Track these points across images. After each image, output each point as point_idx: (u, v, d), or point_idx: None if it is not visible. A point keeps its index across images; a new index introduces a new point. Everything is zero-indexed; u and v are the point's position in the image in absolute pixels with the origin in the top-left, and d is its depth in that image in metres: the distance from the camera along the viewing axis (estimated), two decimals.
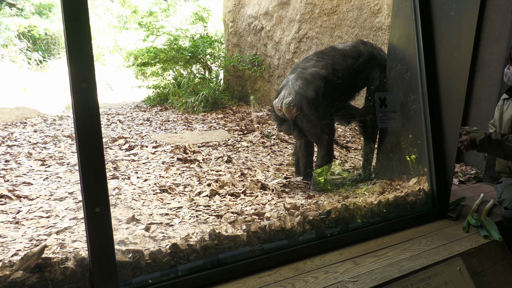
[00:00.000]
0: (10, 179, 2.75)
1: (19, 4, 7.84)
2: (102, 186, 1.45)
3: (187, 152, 3.59)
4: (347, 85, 2.99)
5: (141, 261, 1.58)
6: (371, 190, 2.92)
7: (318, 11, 5.73)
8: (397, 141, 2.87)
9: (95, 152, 1.43)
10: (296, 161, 3.25)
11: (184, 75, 7.12)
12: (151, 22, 7.09)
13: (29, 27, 7.20)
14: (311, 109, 2.82)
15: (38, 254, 1.46)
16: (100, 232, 1.45)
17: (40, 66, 7.53)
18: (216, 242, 1.72)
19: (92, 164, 1.42)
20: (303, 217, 1.99)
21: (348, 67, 2.95)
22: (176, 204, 2.44)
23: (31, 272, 1.43)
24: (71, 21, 1.38)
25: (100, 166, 1.44)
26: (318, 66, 2.89)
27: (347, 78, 2.94)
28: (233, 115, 5.97)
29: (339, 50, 3.04)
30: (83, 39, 1.40)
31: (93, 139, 1.43)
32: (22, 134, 4.03)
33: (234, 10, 7.33)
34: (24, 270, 1.43)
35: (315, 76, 2.83)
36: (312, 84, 2.81)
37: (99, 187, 1.44)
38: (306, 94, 2.80)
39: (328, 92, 2.86)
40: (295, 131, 2.96)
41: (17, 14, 7.72)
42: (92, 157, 1.42)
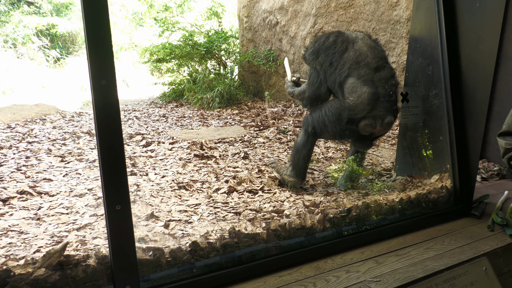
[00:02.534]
0: (31, 175, 2.78)
1: (37, 2, 7.96)
2: (122, 184, 1.44)
3: (203, 148, 3.59)
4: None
5: (161, 259, 1.58)
6: (391, 187, 2.87)
7: (334, 4, 5.65)
8: (417, 137, 2.81)
9: (115, 150, 1.42)
10: (303, 164, 2.82)
11: (199, 71, 7.12)
12: (166, 17, 7.10)
13: (48, 25, 7.31)
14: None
15: (60, 251, 1.46)
16: (121, 230, 1.44)
17: (58, 63, 7.65)
18: (235, 240, 1.71)
19: (112, 162, 1.41)
20: (323, 215, 1.96)
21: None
22: (194, 201, 2.44)
23: (53, 269, 1.44)
24: (91, 18, 1.37)
25: (120, 164, 1.43)
26: (394, 74, 2.69)
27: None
28: (248, 111, 5.95)
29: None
30: (103, 37, 1.39)
31: (113, 136, 1.42)
32: (42, 131, 4.08)
33: (249, 5, 7.28)
34: (46, 268, 1.44)
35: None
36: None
37: (120, 185, 1.44)
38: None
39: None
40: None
41: (35, 12, 7.84)
42: (113, 155, 1.42)
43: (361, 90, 2.46)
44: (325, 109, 2.61)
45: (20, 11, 7.60)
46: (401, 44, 4.95)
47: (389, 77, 2.61)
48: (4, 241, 1.86)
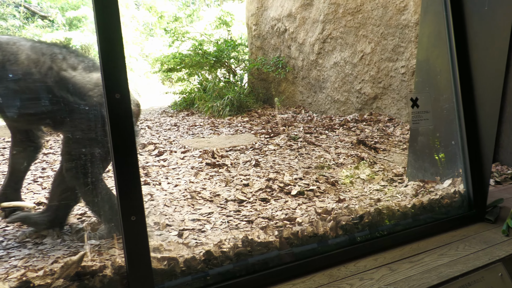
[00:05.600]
0: (47, 187, 2.84)
1: (50, 16, 8.14)
2: (137, 195, 1.47)
3: (215, 156, 3.62)
4: None
5: (176, 268, 1.60)
6: (403, 192, 2.86)
7: (342, 10, 5.67)
8: (428, 142, 2.80)
9: (129, 162, 1.46)
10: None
11: (209, 79, 7.19)
12: (176, 27, 7.20)
13: (65, 39, 7.49)
14: None
15: (77, 262, 1.50)
16: (136, 240, 1.47)
17: None
18: (249, 249, 1.73)
19: (127, 174, 1.45)
20: (336, 222, 1.96)
21: None
22: (207, 209, 2.46)
23: (71, 280, 1.47)
24: (105, 35, 1.41)
25: (135, 175, 1.47)
26: None
27: None
28: (259, 118, 5.98)
29: None
30: (116, 52, 1.43)
31: (127, 149, 1.46)
32: (57, 142, 4.16)
33: (257, 13, 7.34)
34: (64, 278, 1.47)
35: None
36: None
37: (134, 196, 1.47)
38: None
39: None
40: None
41: (48, 25, 8.03)
42: (127, 167, 1.45)
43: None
44: None
45: (35, 25, 7.79)
46: (410, 48, 4.94)
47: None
48: (23, 252, 1.90)
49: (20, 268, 1.75)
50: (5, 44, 2.13)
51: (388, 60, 5.20)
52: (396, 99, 5.22)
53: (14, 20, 7.77)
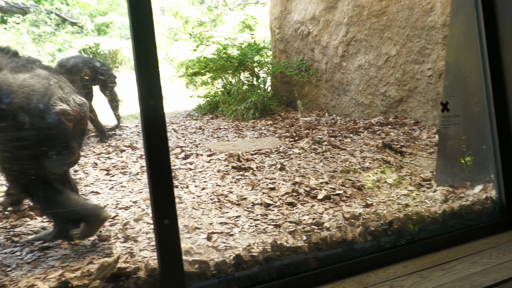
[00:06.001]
0: (79, 189, 2.94)
1: (80, 22, 8.40)
2: (170, 200, 1.51)
3: (240, 160, 3.66)
4: None
5: (206, 272, 1.63)
6: (432, 197, 2.81)
7: (366, 13, 5.62)
8: (458, 146, 2.75)
9: (163, 167, 1.50)
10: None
11: (233, 83, 7.25)
12: (201, 32, 7.30)
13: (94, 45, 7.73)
14: None
15: (113, 264, 1.55)
16: (169, 243, 1.51)
17: None
18: (278, 253, 1.74)
19: (160, 179, 1.49)
20: (364, 228, 1.95)
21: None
22: (234, 213, 2.49)
23: (107, 281, 1.52)
24: (141, 44, 1.46)
25: (168, 180, 1.51)
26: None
27: None
28: (282, 121, 5.99)
29: None
30: (151, 61, 1.48)
31: (161, 153, 1.50)
32: (87, 145, 4.29)
33: (281, 16, 7.36)
34: (101, 280, 1.52)
35: None
36: None
37: (167, 200, 1.51)
38: None
39: None
40: None
41: (78, 31, 8.29)
42: (160, 172, 1.49)
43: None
44: None
45: (65, 32, 8.06)
46: (436, 50, 4.86)
47: None
48: (59, 253, 1.98)
49: (57, 268, 1.82)
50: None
51: (414, 62, 5.12)
52: (422, 102, 5.13)
53: (46, 26, 8.06)
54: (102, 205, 2.64)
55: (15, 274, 1.77)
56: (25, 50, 7.66)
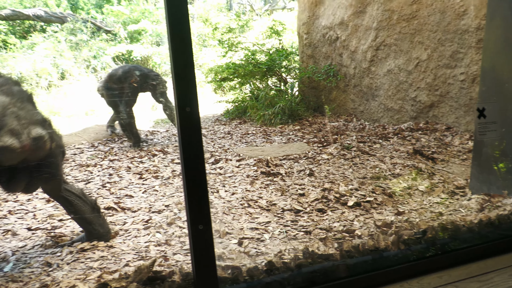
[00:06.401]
0: (114, 192, 3.03)
1: (114, 30, 8.71)
2: (204, 205, 1.54)
3: (269, 165, 3.67)
4: None
5: (239, 277, 1.65)
6: (466, 206, 2.74)
7: (396, 17, 5.54)
8: (494, 154, 2.67)
9: (198, 173, 1.53)
10: None
11: (261, 88, 7.29)
12: (230, 38, 7.38)
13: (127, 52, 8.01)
14: None
15: (149, 267, 1.59)
16: (203, 248, 1.54)
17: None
18: (309, 261, 1.74)
19: (195, 185, 1.52)
20: (397, 236, 1.93)
21: None
22: (264, 218, 2.51)
23: (143, 284, 1.56)
24: (178, 56, 1.51)
25: (203, 186, 1.54)
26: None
27: None
28: (310, 127, 5.97)
29: None
30: (187, 71, 1.52)
31: (196, 160, 1.53)
32: (121, 149, 4.42)
33: (308, 22, 7.36)
34: (137, 282, 1.57)
35: None
36: None
37: (202, 206, 1.54)
38: None
39: None
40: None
41: (112, 39, 8.60)
42: (196, 177, 1.52)
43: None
44: None
45: (100, 39, 8.38)
46: (470, 54, 4.73)
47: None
48: (97, 255, 2.05)
49: (96, 269, 1.89)
50: None
51: (446, 67, 5.00)
52: (455, 107, 5.00)
53: (82, 34, 8.39)
54: (135, 208, 2.72)
55: (56, 275, 1.85)
56: (63, 57, 8.00)
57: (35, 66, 7.93)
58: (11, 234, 2.36)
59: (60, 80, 8.08)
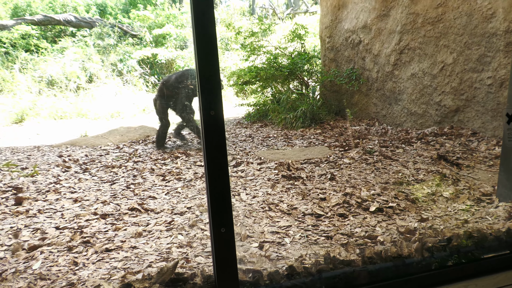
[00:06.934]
0: (138, 193, 3.10)
1: (139, 34, 8.90)
2: (227, 208, 1.56)
3: (290, 169, 3.67)
4: None
5: (260, 281, 1.67)
6: (493, 214, 2.67)
7: (421, 20, 5.46)
8: None
9: (221, 176, 1.55)
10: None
11: (282, 91, 7.30)
12: (252, 42, 7.42)
13: (152, 55, 8.19)
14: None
15: (172, 269, 1.62)
16: (225, 251, 1.56)
17: (156, 88, 8.49)
18: (331, 266, 1.74)
19: (219, 188, 1.55)
20: (421, 244, 1.90)
21: None
22: (285, 222, 2.51)
23: (166, 285, 1.59)
24: (204, 59, 1.53)
25: (226, 189, 1.56)
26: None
27: None
28: (331, 130, 5.93)
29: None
30: (213, 74, 1.55)
31: (220, 163, 1.56)
32: (145, 151, 4.51)
33: (331, 25, 7.33)
34: (160, 284, 1.60)
35: None
36: None
37: (225, 209, 1.56)
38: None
39: None
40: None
41: (137, 43, 8.81)
42: (219, 181, 1.55)
43: None
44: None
45: (126, 43, 8.60)
46: (498, 58, 4.61)
47: None
48: (121, 255, 2.10)
49: (120, 269, 1.94)
50: None
51: (472, 71, 4.89)
52: (481, 112, 4.88)
53: (110, 39, 8.63)
54: (158, 210, 2.77)
55: (82, 274, 1.90)
56: (91, 61, 8.24)
57: (64, 70, 8.20)
58: (40, 232, 2.45)
59: (88, 83, 8.32)
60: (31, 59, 8.42)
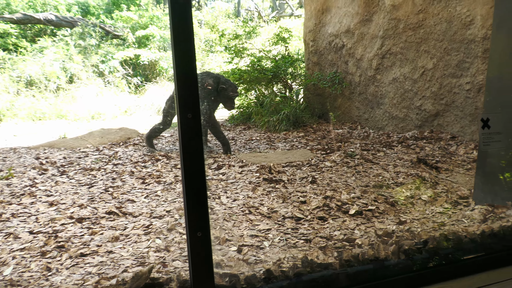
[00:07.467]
0: (117, 196, 3.05)
1: (123, 35, 8.80)
2: (203, 212, 1.54)
3: (272, 172, 3.67)
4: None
5: (236, 285, 1.65)
6: (469, 216, 2.71)
7: (402, 26, 5.54)
8: (499, 164, 2.64)
9: (198, 180, 1.53)
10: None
11: (266, 94, 7.31)
12: (236, 45, 7.42)
13: (134, 56, 8.11)
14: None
15: (147, 274, 1.59)
16: (201, 255, 1.54)
17: (138, 90, 8.40)
18: (308, 269, 1.73)
19: (195, 192, 1.52)
20: (398, 246, 1.91)
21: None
22: (265, 225, 2.50)
23: None
24: (181, 58, 1.51)
25: (203, 193, 1.54)
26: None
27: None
28: (314, 133, 5.96)
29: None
30: (190, 77, 1.53)
31: (196, 165, 1.54)
32: (125, 153, 4.45)
33: (315, 29, 7.38)
34: None
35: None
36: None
37: (201, 213, 1.54)
38: None
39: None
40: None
41: (120, 44, 8.71)
42: (196, 185, 1.53)
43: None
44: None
45: (108, 43, 8.49)
46: (476, 64, 4.71)
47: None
48: (97, 260, 2.05)
49: (94, 275, 1.90)
50: None
51: (452, 76, 4.98)
52: (460, 117, 4.97)
53: (91, 39, 8.50)
54: (137, 213, 2.73)
55: (55, 280, 1.86)
56: (72, 61, 8.10)
57: (44, 70, 8.04)
58: (13, 237, 2.38)
59: (68, 83, 8.18)
60: (9, 58, 8.24)
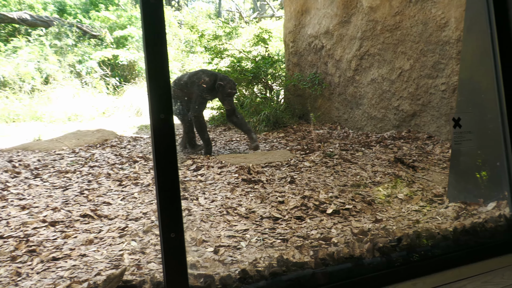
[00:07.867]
0: (92, 199, 2.99)
1: (100, 35, 8.66)
2: (177, 213, 1.53)
3: (251, 172, 3.67)
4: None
5: (211, 286, 1.64)
6: (443, 214, 2.77)
7: (380, 27, 5.62)
8: (471, 163, 2.71)
9: (171, 181, 1.52)
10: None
11: (246, 95, 7.30)
12: (216, 45, 7.39)
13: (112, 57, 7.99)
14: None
15: (119, 276, 1.57)
16: (175, 257, 1.52)
17: (117, 91, 8.27)
18: (284, 269, 1.73)
19: (168, 193, 1.51)
20: (373, 244, 1.94)
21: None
22: (243, 226, 2.50)
23: None
24: (152, 63, 1.50)
25: (176, 194, 1.53)
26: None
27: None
28: (294, 134, 5.99)
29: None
30: (162, 78, 1.52)
31: (170, 168, 1.53)
32: (102, 155, 4.37)
33: (295, 30, 7.42)
34: None
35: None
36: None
37: (175, 214, 1.53)
38: None
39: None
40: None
41: (98, 44, 8.57)
42: (169, 185, 1.51)
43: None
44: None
45: (86, 43, 8.34)
46: (450, 65, 4.82)
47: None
48: (69, 264, 2.01)
49: (66, 279, 1.85)
50: None
51: (428, 77, 5.08)
52: (436, 117, 5.08)
53: (68, 39, 8.33)
54: (112, 216, 2.69)
55: (24, 284, 1.81)
56: (47, 62, 7.92)
57: (18, 70, 7.84)
58: None
59: (44, 84, 7.99)
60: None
